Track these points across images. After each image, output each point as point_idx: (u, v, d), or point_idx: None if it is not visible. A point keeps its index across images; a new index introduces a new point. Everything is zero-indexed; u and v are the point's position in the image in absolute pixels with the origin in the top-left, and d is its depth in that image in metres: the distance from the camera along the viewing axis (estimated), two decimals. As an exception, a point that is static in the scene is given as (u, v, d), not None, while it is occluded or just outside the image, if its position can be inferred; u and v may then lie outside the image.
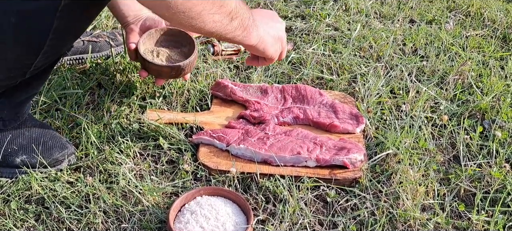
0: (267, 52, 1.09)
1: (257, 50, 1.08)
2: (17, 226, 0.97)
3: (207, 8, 0.89)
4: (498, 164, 1.13)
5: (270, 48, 1.09)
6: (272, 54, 1.11)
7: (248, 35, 1.01)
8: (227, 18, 0.94)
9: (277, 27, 1.11)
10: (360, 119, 1.23)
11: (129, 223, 0.98)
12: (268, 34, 1.08)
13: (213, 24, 0.92)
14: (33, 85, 1.05)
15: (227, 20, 0.94)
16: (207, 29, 0.93)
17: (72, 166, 1.10)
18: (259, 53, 1.10)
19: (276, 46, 1.11)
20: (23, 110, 1.10)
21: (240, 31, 0.98)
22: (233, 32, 0.97)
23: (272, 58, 1.13)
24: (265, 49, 1.08)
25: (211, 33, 0.95)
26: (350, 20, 1.72)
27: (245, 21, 0.99)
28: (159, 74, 1.21)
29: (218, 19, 0.92)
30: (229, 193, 1.01)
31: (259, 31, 1.05)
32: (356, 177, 1.08)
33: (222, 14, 0.92)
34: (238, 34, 0.98)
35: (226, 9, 0.93)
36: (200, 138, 1.16)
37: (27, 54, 0.93)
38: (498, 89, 1.36)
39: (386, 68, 1.46)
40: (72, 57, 1.40)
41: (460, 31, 1.67)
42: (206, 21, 0.91)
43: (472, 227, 1.00)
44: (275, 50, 1.11)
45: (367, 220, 1.00)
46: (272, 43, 1.09)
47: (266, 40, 1.07)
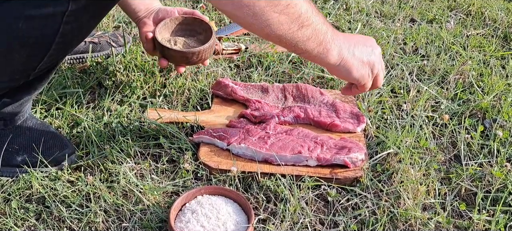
0: (351, 75, 1.00)
1: (339, 72, 1.00)
2: (18, 225, 0.97)
3: (270, 3, 0.83)
4: (499, 163, 1.13)
5: (355, 72, 1.00)
6: (358, 78, 1.02)
7: (326, 52, 0.94)
8: (295, 23, 0.87)
9: (367, 51, 1.02)
10: (361, 118, 1.23)
11: (130, 222, 0.98)
12: (353, 56, 0.99)
13: (280, 26, 0.86)
14: (35, 85, 1.05)
15: (295, 26, 0.87)
16: (274, 32, 0.86)
17: (73, 165, 1.10)
18: (341, 77, 1.02)
19: (363, 71, 1.02)
20: (24, 110, 1.10)
21: (314, 44, 0.91)
22: (305, 43, 0.90)
23: (360, 84, 1.04)
24: (349, 72, 1.00)
25: (279, 39, 0.88)
26: (350, 19, 1.72)
27: (320, 34, 0.91)
28: (180, 60, 1.19)
29: (284, 20, 0.85)
30: (230, 192, 1.01)
31: (342, 51, 0.97)
32: (357, 176, 1.08)
33: (289, 15, 0.86)
34: (312, 47, 0.91)
35: (294, 11, 0.86)
36: (200, 137, 1.16)
37: (33, 58, 0.93)
38: (499, 88, 1.36)
39: (387, 68, 1.46)
40: (72, 56, 1.40)
41: (460, 31, 1.67)
42: (271, 19, 0.84)
43: (473, 226, 1.00)
44: (361, 75, 1.02)
45: (368, 220, 0.99)
46: (358, 67, 1.00)
47: (350, 62, 0.98)
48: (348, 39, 1.00)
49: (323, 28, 0.92)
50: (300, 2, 0.87)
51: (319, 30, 0.91)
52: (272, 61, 1.46)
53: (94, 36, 1.43)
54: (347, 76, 1.01)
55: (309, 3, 0.89)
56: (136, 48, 1.44)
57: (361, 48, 1.01)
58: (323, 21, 0.93)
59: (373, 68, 1.03)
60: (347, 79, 1.04)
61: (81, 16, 0.89)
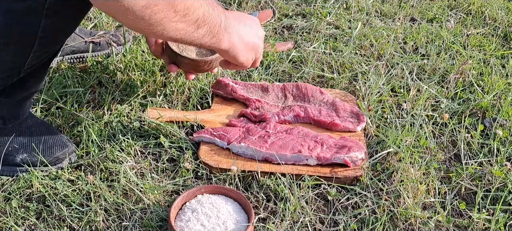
0: (237, 59, 1.07)
1: (228, 55, 1.05)
2: (18, 224, 0.97)
3: (168, 16, 0.84)
4: (499, 162, 1.13)
5: (241, 57, 1.07)
6: (242, 62, 1.08)
7: (218, 42, 0.99)
8: (192, 26, 0.90)
9: (252, 34, 1.08)
10: (361, 117, 1.23)
11: (130, 221, 0.98)
12: (241, 41, 1.05)
13: (176, 32, 0.88)
14: (31, 83, 1.05)
15: (192, 28, 0.90)
16: (170, 37, 0.89)
17: (73, 164, 1.10)
18: (229, 59, 1.08)
19: (249, 55, 1.09)
20: (24, 108, 1.10)
21: (208, 38, 0.95)
22: (200, 39, 0.94)
23: (243, 66, 1.11)
24: (236, 56, 1.06)
25: (174, 40, 0.92)
26: (351, 18, 1.72)
27: (215, 28, 0.95)
28: (191, 68, 1.20)
29: (181, 27, 0.88)
30: (230, 191, 1.01)
31: (232, 37, 1.02)
32: (357, 175, 1.08)
33: (186, 22, 0.88)
34: (206, 41, 0.96)
35: (191, 18, 0.89)
36: (201, 136, 1.16)
37: (18, 54, 0.93)
38: (499, 87, 1.36)
39: (387, 67, 1.46)
40: (72, 56, 1.40)
41: (461, 30, 1.67)
42: (167, 29, 0.86)
43: (473, 225, 1.00)
44: (246, 59, 1.08)
45: (368, 219, 1.00)
46: (244, 51, 1.07)
47: (238, 47, 1.04)
48: (237, 23, 1.03)
49: (217, 20, 0.95)
50: (198, 8, 0.89)
51: (213, 25, 0.94)
52: (272, 60, 1.46)
53: (95, 35, 1.43)
54: (234, 59, 1.07)
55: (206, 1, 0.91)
56: (136, 48, 1.44)
57: (247, 31, 1.06)
58: (217, 12, 0.95)
59: (257, 52, 1.10)
60: (233, 62, 1.09)
61: (61, 9, 0.89)
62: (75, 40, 1.40)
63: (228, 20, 0.99)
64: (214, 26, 0.95)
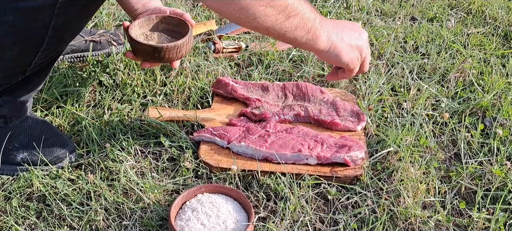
0: (341, 60, 1.01)
1: (329, 57, 1.00)
2: (18, 223, 0.97)
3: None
4: (499, 161, 1.13)
5: (345, 56, 1.01)
6: (347, 62, 1.02)
7: (315, 38, 0.95)
8: (281, 14, 0.88)
9: (355, 36, 1.03)
10: (361, 116, 1.23)
11: (130, 220, 0.98)
12: (342, 40, 1.00)
13: (266, 19, 0.87)
14: (34, 82, 1.05)
15: (282, 17, 0.88)
16: (261, 24, 0.87)
17: (73, 164, 1.10)
18: (331, 61, 1.02)
19: (353, 55, 1.03)
20: (25, 107, 1.10)
21: (302, 32, 0.92)
22: (293, 32, 0.91)
23: (349, 68, 1.05)
24: (339, 56, 1.00)
25: (267, 30, 0.90)
26: (351, 17, 1.72)
27: (308, 22, 0.93)
28: (143, 55, 1.13)
29: (270, 12, 0.87)
30: (230, 191, 1.01)
31: (331, 36, 0.98)
32: (357, 174, 1.08)
33: (275, 8, 0.87)
34: (300, 34, 0.93)
35: (280, 2, 0.87)
36: (201, 136, 1.16)
37: (26, 52, 0.93)
38: (499, 87, 1.36)
39: (387, 66, 1.46)
40: (73, 55, 1.41)
41: (461, 29, 1.67)
42: (258, 12, 0.85)
43: (473, 224, 1.00)
44: (351, 59, 1.02)
45: (368, 218, 1.00)
46: (348, 51, 1.01)
47: (339, 46, 0.99)
48: (336, 25, 1.01)
49: (311, 16, 0.93)
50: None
51: (307, 18, 0.92)
52: (272, 59, 1.46)
53: (95, 35, 1.43)
54: (337, 61, 1.02)
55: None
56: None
57: (349, 33, 1.02)
58: (311, 9, 0.94)
59: (361, 52, 1.05)
60: (337, 64, 1.05)
61: (72, 8, 0.88)
62: (76, 40, 1.40)
63: (324, 21, 0.97)
64: (307, 19, 0.92)
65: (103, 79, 1.33)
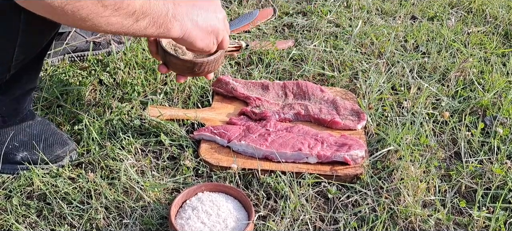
0: (195, 46, 1.01)
1: (185, 42, 1.00)
2: (19, 222, 0.97)
3: (96, 11, 0.80)
4: (499, 160, 1.13)
5: (199, 42, 1.00)
6: (202, 47, 1.02)
7: (167, 31, 0.93)
8: (129, 19, 0.85)
9: (210, 18, 1.01)
10: (361, 115, 1.23)
11: (131, 219, 0.98)
12: (196, 26, 0.98)
13: (110, 26, 0.84)
14: (25, 79, 1.04)
15: (130, 21, 0.85)
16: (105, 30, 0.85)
17: (74, 162, 1.10)
18: (187, 46, 1.02)
19: (208, 39, 1.02)
20: (22, 106, 1.09)
21: (153, 29, 0.90)
22: (143, 31, 0.89)
23: (205, 51, 1.05)
24: (193, 42, 1.00)
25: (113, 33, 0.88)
26: (351, 16, 1.72)
27: (160, 18, 0.90)
28: (179, 69, 1.11)
29: (116, 21, 0.83)
30: (230, 189, 1.01)
31: (184, 24, 0.96)
32: (357, 173, 1.08)
33: (121, 16, 0.83)
34: (151, 32, 0.91)
35: (126, 11, 0.84)
36: (201, 134, 1.16)
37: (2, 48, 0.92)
38: (500, 86, 1.36)
39: (388, 65, 1.46)
40: (73, 54, 1.41)
41: (461, 28, 1.67)
42: (98, 23, 0.82)
43: (473, 223, 1.00)
44: (206, 44, 1.02)
45: (368, 217, 1.00)
46: (202, 37, 1.00)
47: (193, 34, 0.98)
48: (191, 8, 0.98)
49: (163, 9, 0.90)
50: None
51: (158, 15, 0.90)
52: (272, 58, 1.46)
53: (97, 35, 1.43)
54: (192, 48, 1.02)
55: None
56: (136, 46, 1.44)
57: (204, 15, 1.00)
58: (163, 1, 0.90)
59: (217, 36, 1.04)
60: (193, 50, 1.05)
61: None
62: (76, 39, 1.40)
63: (178, 8, 0.94)
64: (158, 16, 0.90)
65: (103, 78, 1.33)
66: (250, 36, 1.60)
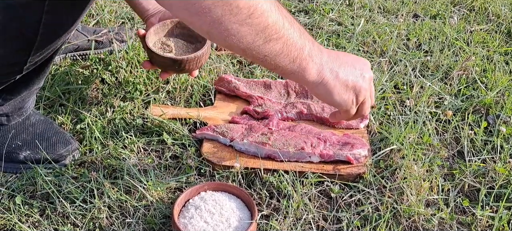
0: (331, 99, 0.90)
1: (319, 93, 0.89)
2: (22, 221, 0.97)
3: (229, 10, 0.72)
4: (502, 159, 1.13)
5: (337, 96, 0.89)
6: (340, 103, 0.91)
7: (302, 70, 0.83)
8: (260, 35, 0.76)
9: (354, 74, 0.91)
10: (364, 114, 1.23)
11: (134, 218, 0.98)
12: (336, 77, 0.88)
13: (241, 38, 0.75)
14: (34, 80, 1.05)
15: (260, 38, 0.76)
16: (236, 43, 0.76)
17: (76, 161, 1.10)
18: (321, 98, 0.92)
19: (346, 96, 0.91)
20: (27, 105, 1.10)
21: (287, 60, 0.80)
22: (274, 58, 0.79)
23: (342, 109, 0.94)
24: (329, 95, 0.89)
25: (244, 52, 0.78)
26: (353, 15, 1.71)
27: (294, 50, 0.80)
28: (162, 66, 1.14)
29: (246, 31, 0.75)
30: (233, 188, 1.01)
31: (323, 70, 0.86)
32: (360, 172, 1.08)
33: (252, 26, 0.75)
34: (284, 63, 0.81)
35: (259, 21, 0.75)
36: (203, 133, 1.16)
37: (19, 51, 0.92)
38: (503, 84, 1.36)
39: (390, 63, 1.46)
40: (75, 53, 1.41)
41: (464, 26, 1.66)
42: (231, 29, 0.74)
43: (476, 222, 1.00)
44: (344, 100, 0.91)
45: (371, 216, 1.00)
46: (340, 90, 0.89)
47: (331, 84, 0.88)
48: (334, 58, 0.89)
49: (299, 42, 0.81)
50: (268, 12, 0.76)
51: (292, 44, 0.80)
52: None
53: (99, 34, 1.43)
54: (327, 99, 0.91)
55: (281, 12, 0.78)
56: (138, 45, 1.43)
57: (348, 70, 0.90)
58: (300, 34, 0.82)
59: (358, 95, 0.93)
60: (327, 102, 0.94)
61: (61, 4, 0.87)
62: (78, 38, 1.40)
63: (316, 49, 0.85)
64: (292, 46, 0.80)
65: (105, 77, 1.33)
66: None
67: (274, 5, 0.77)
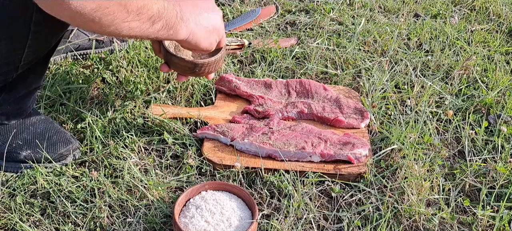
0: (199, 46, 1.03)
1: (189, 44, 1.02)
2: (23, 220, 0.98)
3: (121, 17, 0.82)
4: (503, 159, 1.13)
5: (204, 41, 1.03)
6: (206, 47, 1.05)
7: (175, 33, 0.96)
8: (147, 23, 0.88)
9: (211, 17, 1.04)
10: (365, 113, 1.23)
11: (134, 217, 0.98)
12: (200, 26, 1.01)
13: (130, 31, 0.86)
14: (31, 79, 1.04)
15: (147, 25, 0.88)
16: (124, 35, 0.87)
17: (77, 161, 1.10)
18: (191, 47, 1.04)
19: (211, 38, 1.05)
20: (27, 104, 1.10)
21: (165, 31, 0.93)
22: (156, 33, 0.92)
23: (208, 50, 1.07)
24: (197, 43, 1.02)
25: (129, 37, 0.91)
26: (354, 14, 1.71)
27: (171, 20, 0.93)
28: (182, 69, 1.13)
29: (135, 25, 0.86)
30: (234, 188, 1.01)
31: (189, 25, 0.99)
32: (361, 172, 1.08)
33: (140, 20, 0.86)
34: (162, 34, 0.93)
35: (146, 16, 0.87)
36: (204, 133, 1.16)
37: (13, 49, 0.93)
38: (504, 84, 1.36)
39: (391, 63, 1.46)
40: (76, 52, 1.41)
41: (465, 26, 1.66)
42: (120, 28, 0.84)
43: (477, 222, 1.00)
44: (210, 43, 1.05)
45: (372, 215, 0.99)
46: (206, 36, 1.03)
47: (198, 33, 1.01)
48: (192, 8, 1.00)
49: (173, 12, 0.93)
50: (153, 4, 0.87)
51: (170, 17, 0.92)
52: (275, 56, 1.46)
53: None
54: (197, 48, 1.04)
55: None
56: (139, 44, 1.43)
57: (206, 16, 1.03)
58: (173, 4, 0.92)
59: (218, 34, 1.06)
60: (196, 50, 1.07)
61: None
62: (79, 38, 1.40)
63: (183, 9, 0.96)
64: (170, 18, 0.92)
65: (106, 76, 1.33)
66: (252, 34, 1.59)
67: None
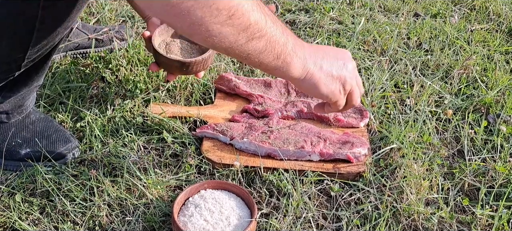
0: (319, 91, 0.91)
1: (305, 87, 0.90)
2: (22, 219, 0.98)
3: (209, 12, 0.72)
4: (502, 158, 1.13)
5: (323, 87, 0.90)
6: (327, 95, 0.92)
7: (286, 65, 0.84)
8: (242, 35, 0.77)
9: (337, 65, 0.92)
10: (364, 113, 1.23)
11: (133, 216, 0.98)
12: (320, 69, 0.89)
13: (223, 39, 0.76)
14: (33, 77, 1.05)
15: (243, 38, 0.77)
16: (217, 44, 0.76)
17: (76, 159, 1.10)
18: (308, 92, 0.94)
19: (333, 86, 0.92)
20: (27, 103, 1.10)
21: (271, 57, 0.81)
22: (258, 56, 0.80)
23: (331, 101, 0.95)
24: (316, 87, 0.90)
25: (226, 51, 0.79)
26: (354, 13, 1.71)
27: (278, 46, 0.81)
28: (169, 68, 1.14)
29: (228, 32, 0.75)
30: (233, 187, 1.01)
31: (307, 64, 0.87)
32: (360, 171, 1.08)
33: (234, 27, 0.75)
34: (267, 60, 0.82)
35: (240, 22, 0.75)
36: (203, 132, 1.16)
37: (16, 48, 0.93)
38: (503, 83, 1.36)
39: (390, 62, 1.46)
40: (75, 51, 1.41)
41: (465, 25, 1.66)
42: (212, 30, 0.74)
43: (476, 221, 1.00)
44: (331, 91, 0.92)
45: (371, 214, 1.00)
46: (327, 82, 0.91)
47: (316, 76, 0.89)
48: (316, 51, 0.90)
49: (282, 39, 0.82)
50: (249, 11, 0.76)
51: (275, 41, 0.81)
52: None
53: (99, 32, 1.43)
54: (315, 92, 0.92)
55: (262, 11, 0.79)
56: (139, 43, 1.43)
57: (331, 62, 0.92)
58: (282, 31, 0.83)
59: (344, 84, 0.94)
60: (315, 96, 0.95)
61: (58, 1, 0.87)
62: (79, 37, 1.40)
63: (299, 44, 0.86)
64: (275, 43, 0.81)
65: (105, 75, 1.33)
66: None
67: (255, 4, 0.77)
